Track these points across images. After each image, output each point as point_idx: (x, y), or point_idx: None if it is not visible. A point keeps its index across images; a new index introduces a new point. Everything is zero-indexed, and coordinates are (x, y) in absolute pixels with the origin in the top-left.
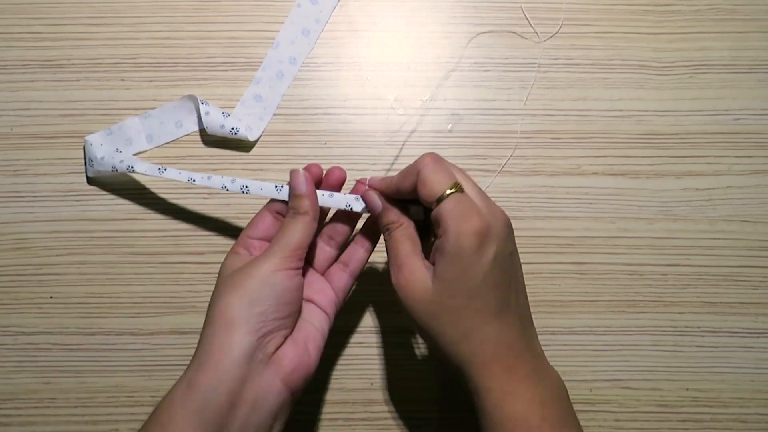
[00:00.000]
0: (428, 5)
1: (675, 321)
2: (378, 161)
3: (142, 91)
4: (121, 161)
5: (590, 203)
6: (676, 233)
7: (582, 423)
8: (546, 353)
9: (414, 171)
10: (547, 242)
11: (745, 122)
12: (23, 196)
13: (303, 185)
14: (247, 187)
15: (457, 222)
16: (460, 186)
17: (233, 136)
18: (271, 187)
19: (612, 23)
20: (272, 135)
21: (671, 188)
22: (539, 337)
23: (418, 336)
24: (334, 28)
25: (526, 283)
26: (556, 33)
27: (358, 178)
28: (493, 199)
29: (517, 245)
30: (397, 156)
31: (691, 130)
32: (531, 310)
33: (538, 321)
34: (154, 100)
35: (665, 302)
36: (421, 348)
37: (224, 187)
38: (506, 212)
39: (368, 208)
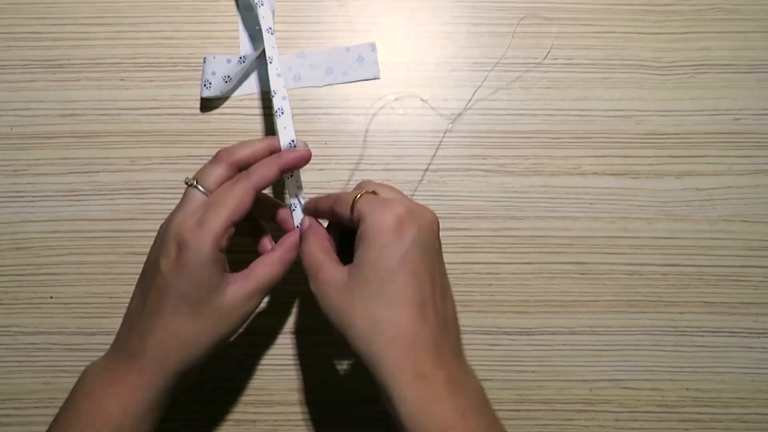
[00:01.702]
0: (428, 5)
1: (675, 321)
2: (378, 161)
3: (142, 91)
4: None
5: (590, 203)
6: (676, 233)
7: (582, 423)
8: (546, 353)
9: (328, 196)
10: (547, 242)
11: (745, 122)
12: (23, 196)
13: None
14: (282, 110)
15: (375, 209)
16: (373, 190)
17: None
18: (287, 139)
19: (612, 23)
20: (272, 135)
21: (671, 188)
22: (540, 336)
23: None
24: (334, 28)
25: (526, 283)
26: (545, 58)
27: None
28: (492, 199)
29: (517, 245)
30: (398, 156)
31: (691, 130)
32: (531, 310)
33: (539, 321)
34: (154, 100)
35: (665, 302)
36: None
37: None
38: (506, 212)
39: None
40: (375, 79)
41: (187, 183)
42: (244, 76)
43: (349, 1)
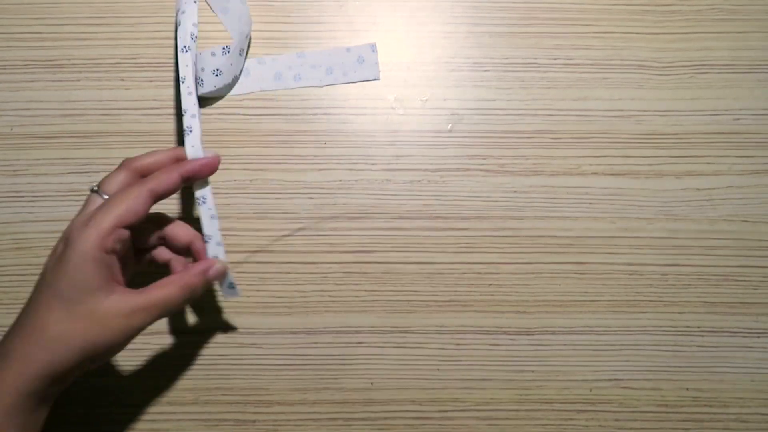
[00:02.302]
0: (428, 5)
1: (675, 321)
2: (378, 161)
3: (142, 91)
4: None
5: (590, 203)
6: (676, 233)
7: (582, 423)
8: (546, 353)
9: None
10: (547, 242)
11: (745, 122)
12: (23, 196)
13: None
14: (190, 129)
15: None
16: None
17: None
18: (192, 139)
19: (612, 23)
20: (272, 135)
21: (671, 188)
22: (540, 336)
23: (417, 335)
24: (334, 28)
25: (526, 282)
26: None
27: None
28: (493, 199)
29: (517, 245)
30: (398, 156)
31: (691, 130)
32: (531, 310)
33: (539, 321)
34: (154, 99)
35: (665, 302)
36: (421, 348)
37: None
38: (506, 212)
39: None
40: (375, 80)
41: (90, 189)
42: (235, 68)
43: (349, 1)
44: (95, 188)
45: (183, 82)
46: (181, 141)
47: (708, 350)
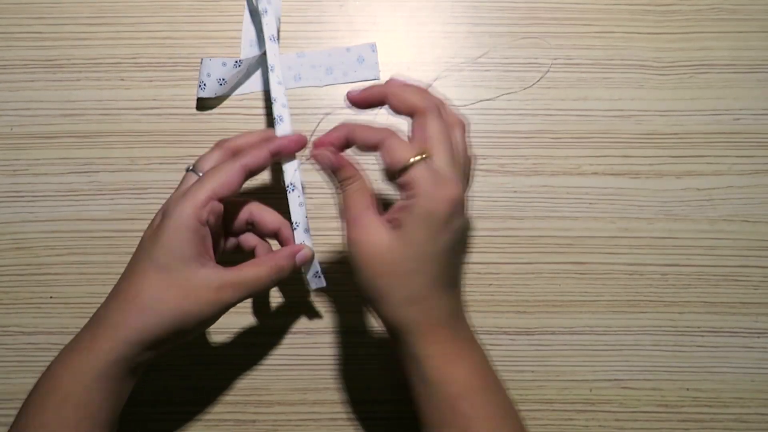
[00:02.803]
0: (428, 5)
1: (675, 321)
2: (378, 161)
3: (142, 91)
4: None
5: (590, 203)
6: (676, 233)
7: (582, 423)
8: (546, 353)
9: (379, 135)
10: (547, 242)
11: (745, 122)
12: (23, 196)
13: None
14: (281, 119)
15: (432, 188)
16: (429, 153)
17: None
18: (280, 116)
19: (612, 23)
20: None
21: (671, 188)
22: (540, 336)
23: None
24: (334, 28)
25: (526, 282)
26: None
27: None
28: (493, 199)
29: (517, 245)
30: None
31: (691, 130)
32: (531, 310)
33: (539, 321)
34: (154, 99)
35: (665, 302)
36: None
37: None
38: (506, 212)
39: (321, 167)
40: (375, 80)
41: (186, 169)
42: (242, 78)
43: (349, 1)
44: (190, 167)
45: (272, 71)
46: (184, 140)
47: (708, 350)
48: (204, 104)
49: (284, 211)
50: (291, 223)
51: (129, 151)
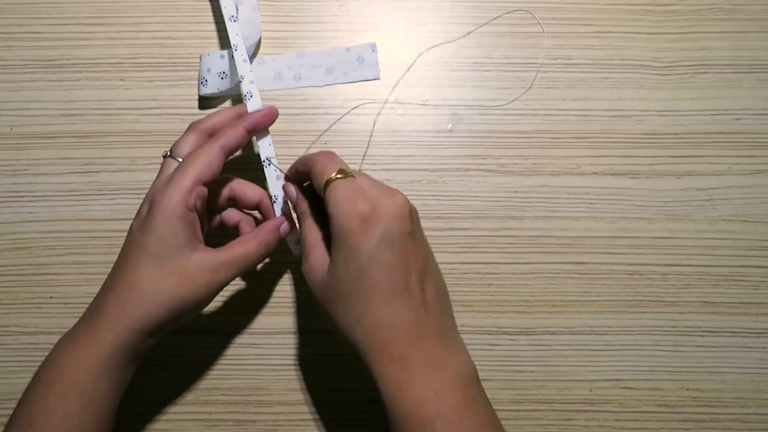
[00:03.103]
0: (428, 5)
1: (675, 321)
2: (378, 161)
3: (142, 91)
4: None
5: (590, 203)
6: (677, 233)
7: (582, 423)
8: (546, 353)
9: (309, 159)
10: (547, 242)
11: (745, 122)
12: (23, 196)
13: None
14: (250, 94)
15: (341, 205)
16: (349, 173)
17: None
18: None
19: (612, 23)
20: (272, 135)
21: (671, 188)
22: (540, 336)
23: None
24: (334, 28)
25: (526, 282)
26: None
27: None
28: (493, 199)
29: (517, 245)
30: (398, 156)
31: (691, 130)
32: (531, 310)
33: (539, 321)
34: (154, 99)
35: (665, 302)
36: None
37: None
38: (506, 212)
39: (287, 197)
40: (375, 79)
41: (163, 156)
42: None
43: (349, 1)
44: (168, 154)
45: (236, 50)
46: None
47: (708, 350)
48: (204, 104)
49: (260, 182)
50: (270, 197)
51: (129, 151)
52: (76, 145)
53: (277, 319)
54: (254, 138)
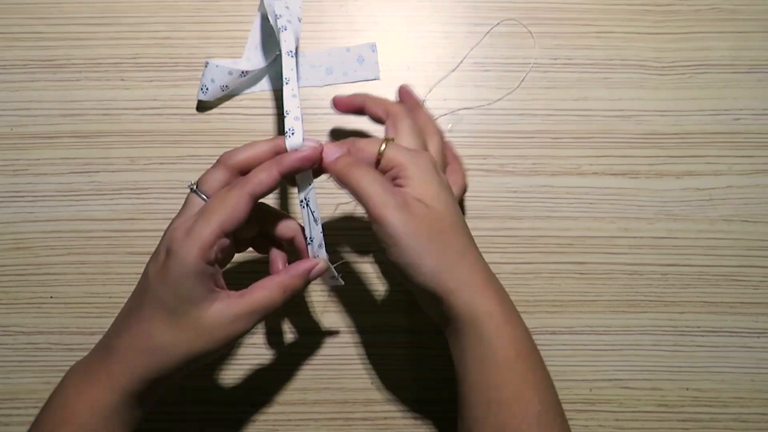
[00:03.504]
0: (428, 5)
1: (675, 321)
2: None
3: (142, 91)
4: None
5: (590, 203)
6: (676, 233)
7: (582, 423)
8: (546, 353)
9: (383, 109)
10: (547, 242)
11: (745, 122)
12: (23, 196)
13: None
14: (292, 131)
15: (410, 157)
16: (390, 137)
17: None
18: (292, 128)
19: (612, 23)
20: (273, 135)
21: (671, 188)
22: (540, 336)
23: (418, 336)
24: (334, 28)
25: (526, 282)
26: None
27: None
28: (492, 199)
29: (517, 245)
30: None
31: (691, 130)
32: (531, 310)
33: (539, 321)
34: (154, 99)
35: (665, 302)
36: (421, 348)
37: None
38: (506, 212)
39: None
40: (375, 79)
41: (190, 188)
42: (245, 85)
43: (349, 1)
44: (193, 187)
45: (287, 83)
46: (185, 140)
47: (708, 350)
48: (204, 104)
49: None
50: (305, 238)
51: (129, 151)
52: (76, 145)
53: (277, 319)
54: None
